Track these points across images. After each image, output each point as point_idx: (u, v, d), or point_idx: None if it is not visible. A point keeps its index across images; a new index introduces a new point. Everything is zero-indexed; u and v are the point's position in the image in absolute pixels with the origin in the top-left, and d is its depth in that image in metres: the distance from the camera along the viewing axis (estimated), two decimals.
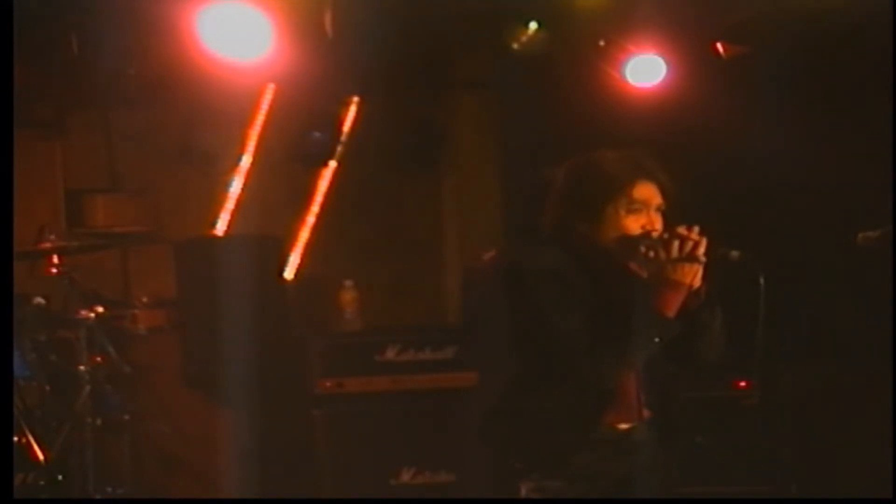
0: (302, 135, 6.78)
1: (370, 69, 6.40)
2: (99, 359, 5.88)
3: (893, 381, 5.32)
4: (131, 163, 6.77)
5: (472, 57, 7.20)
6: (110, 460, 5.95)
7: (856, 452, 5.56)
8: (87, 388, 5.74)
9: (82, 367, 5.76)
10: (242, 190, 6.78)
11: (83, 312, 5.80)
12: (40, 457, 5.26)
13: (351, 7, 5.74)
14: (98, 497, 5.70)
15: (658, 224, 3.59)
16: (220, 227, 6.74)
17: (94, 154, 6.72)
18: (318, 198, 7.00)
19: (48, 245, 5.72)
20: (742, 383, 5.82)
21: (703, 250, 3.46)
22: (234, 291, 5.87)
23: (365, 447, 6.10)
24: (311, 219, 7.00)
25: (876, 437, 5.45)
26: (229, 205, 6.75)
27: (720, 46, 6.21)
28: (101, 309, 5.86)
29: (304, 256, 6.95)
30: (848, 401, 5.71)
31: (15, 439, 5.19)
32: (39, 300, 5.79)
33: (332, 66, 6.18)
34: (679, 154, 5.69)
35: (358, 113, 6.90)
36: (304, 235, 6.98)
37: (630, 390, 3.61)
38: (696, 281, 3.52)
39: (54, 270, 5.73)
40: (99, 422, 5.78)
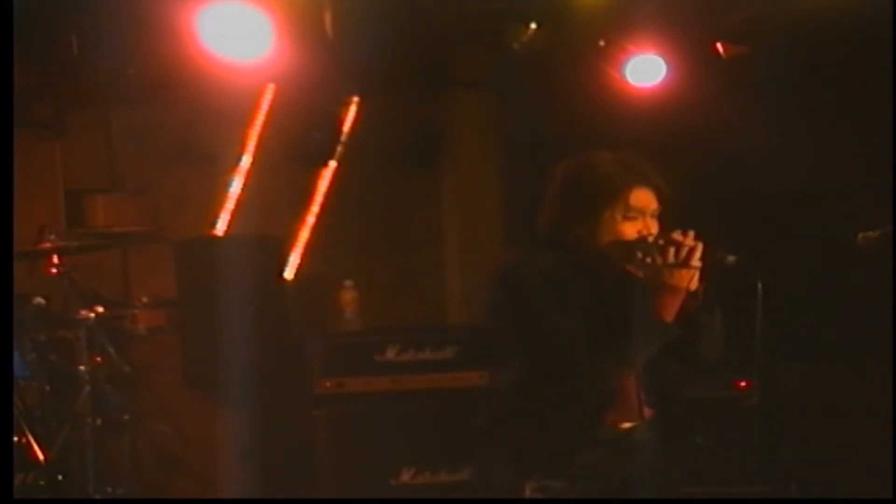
0: (302, 135, 6.78)
1: (370, 69, 6.39)
2: (99, 359, 5.88)
3: (893, 381, 5.32)
4: (131, 163, 6.77)
5: (472, 57, 7.20)
6: (110, 460, 5.94)
7: (856, 452, 5.56)
8: (87, 388, 5.74)
9: (82, 367, 5.75)
10: (242, 190, 6.78)
11: (83, 312, 5.80)
12: (40, 457, 5.26)
13: (351, 7, 5.74)
14: (98, 497, 5.70)
15: (654, 228, 3.59)
16: (220, 227, 6.74)
17: (94, 154, 6.72)
18: (318, 198, 7.00)
19: (48, 245, 5.72)
20: (742, 383, 5.82)
21: (698, 255, 3.47)
22: (234, 291, 5.87)
23: (365, 447, 6.09)
24: (311, 219, 7.00)
25: (876, 437, 5.44)
26: (229, 205, 6.75)
27: (720, 46, 6.21)
28: (101, 309, 5.86)
29: (304, 256, 6.95)
30: (848, 401, 5.71)
31: (15, 439, 5.19)
32: (39, 300, 5.79)
33: (332, 66, 6.18)
34: (679, 154, 5.71)
35: (358, 113, 6.90)
36: (304, 235, 6.98)
37: (630, 390, 3.62)
38: (692, 284, 3.52)
39: (54, 270, 5.73)
40: (99, 422, 5.78)
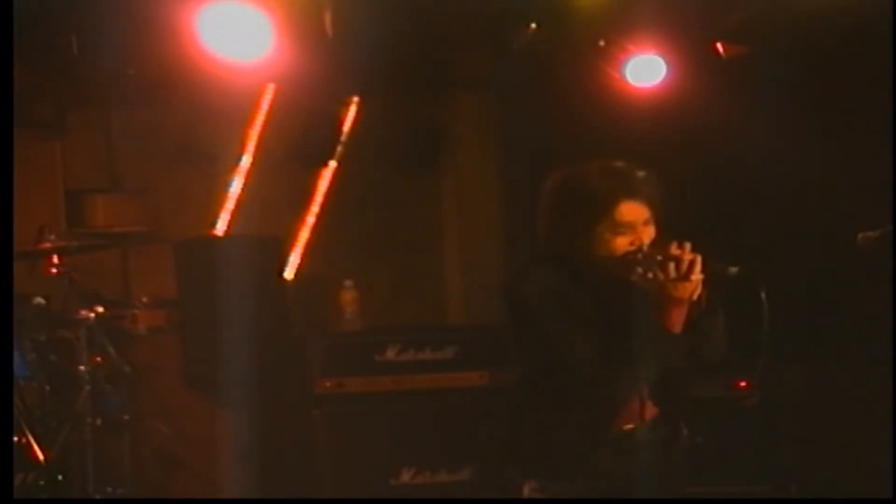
0: (302, 135, 6.79)
1: (370, 69, 6.39)
2: (99, 359, 5.88)
3: (893, 381, 5.32)
4: (131, 163, 6.77)
5: (472, 57, 7.20)
6: (110, 460, 5.94)
7: (856, 452, 5.55)
8: (87, 388, 5.74)
9: (82, 367, 5.75)
10: (242, 190, 6.78)
11: (83, 312, 5.80)
12: (40, 457, 5.27)
13: (351, 7, 5.74)
14: (98, 497, 5.70)
15: (647, 237, 3.56)
16: (220, 227, 6.74)
17: (94, 154, 6.72)
18: (318, 198, 7.00)
19: (48, 245, 5.72)
20: (742, 383, 5.82)
21: (699, 268, 3.47)
22: (234, 291, 5.86)
23: (365, 447, 6.09)
24: (311, 219, 7.00)
25: (876, 437, 5.44)
26: (229, 205, 6.76)
27: (720, 46, 6.21)
28: (101, 309, 5.86)
29: (304, 256, 6.95)
30: (848, 401, 5.70)
31: (15, 439, 5.20)
32: (39, 300, 5.79)
33: (332, 66, 6.18)
34: (679, 154, 5.72)
35: (358, 113, 6.91)
36: (304, 235, 6.98)
37: None
38: (695, 294, 3.52)
39: (54, 270, 5.73)
40: (99, 422, 5.78)
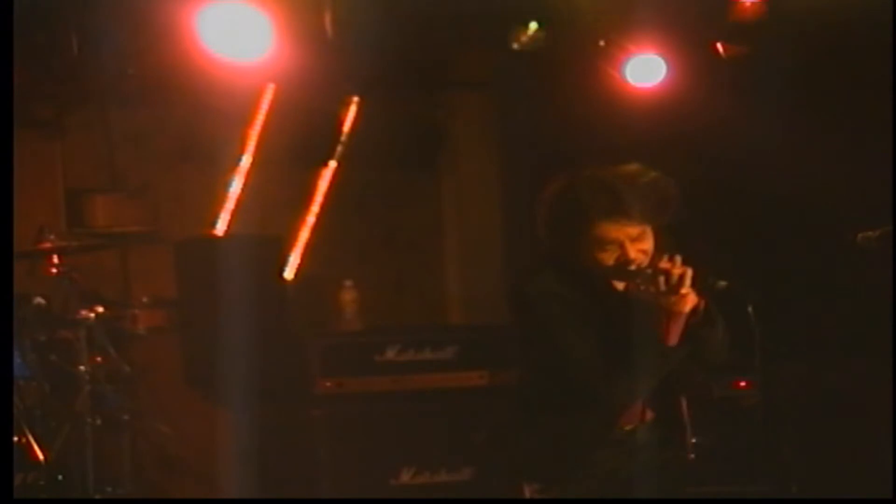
0: (302, 135, 6.78)
1: (370, 69, 6.39)
2: (99, 359, 5.88)
3: (893, 381, 5.32)
4: (131, 163, 6.77)
5: (472, 57, 7.20)
6: (110, 460, 5.94)
7: (856, 452, 5.56)
8: (87, 388, 5.73)
9: (82, 367, 5.75)
10: (242, 190, 6.78)
11: (83, 312, 5.79)
12: (40, 457, 5.27)
13: (351, 7, 5.74)
14: (98, 497, 5.69)
15: (636, 253, 3.54)
16: (220, 227, 6.74)
17: (94, 154, 6.72)
18: (318, 198, 7.00)
19: (48, 245, 5.72)
20: (742, 383, 5.82)
21: (689, 281, 3.47)
22: (234, 291, 5.86)
23: (365, 447, 6.09)
24: (311, 219, 7.00)
25: (876, 437, 5.44)
26: (229, 205, 6.76)
27: (720, 46, 6.21)
28: (101, 309, 5.86)
29: (304, 256, 6.95)
30: (848, 401, 5.71)
31: (15, 439, 5.20)
32: (39, 300, 5.78)
33: (332, 66, 6.18)
34: (679, 154, 5.71)
35: (358, 113, 6.91)
36: (304, 235, 6.98)
37: None
38: (688, 307, 3.53)
39: (54, 270, 5.73)
40: (99, 422, 5.78)
